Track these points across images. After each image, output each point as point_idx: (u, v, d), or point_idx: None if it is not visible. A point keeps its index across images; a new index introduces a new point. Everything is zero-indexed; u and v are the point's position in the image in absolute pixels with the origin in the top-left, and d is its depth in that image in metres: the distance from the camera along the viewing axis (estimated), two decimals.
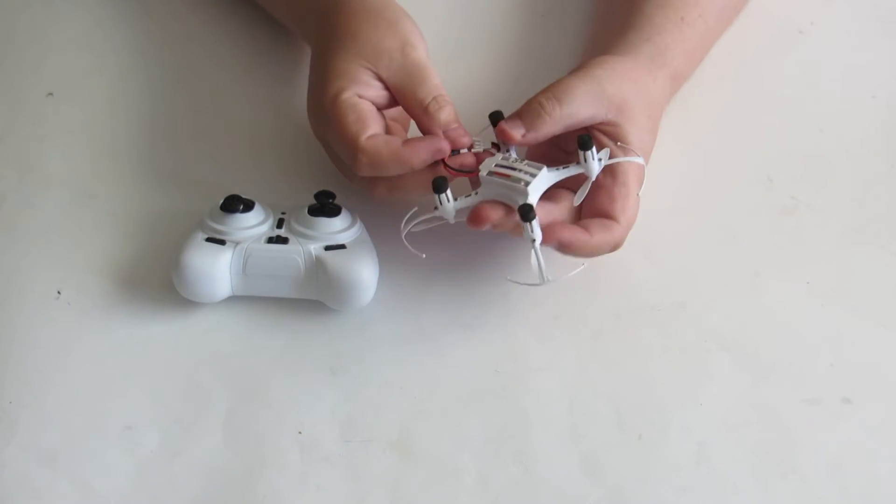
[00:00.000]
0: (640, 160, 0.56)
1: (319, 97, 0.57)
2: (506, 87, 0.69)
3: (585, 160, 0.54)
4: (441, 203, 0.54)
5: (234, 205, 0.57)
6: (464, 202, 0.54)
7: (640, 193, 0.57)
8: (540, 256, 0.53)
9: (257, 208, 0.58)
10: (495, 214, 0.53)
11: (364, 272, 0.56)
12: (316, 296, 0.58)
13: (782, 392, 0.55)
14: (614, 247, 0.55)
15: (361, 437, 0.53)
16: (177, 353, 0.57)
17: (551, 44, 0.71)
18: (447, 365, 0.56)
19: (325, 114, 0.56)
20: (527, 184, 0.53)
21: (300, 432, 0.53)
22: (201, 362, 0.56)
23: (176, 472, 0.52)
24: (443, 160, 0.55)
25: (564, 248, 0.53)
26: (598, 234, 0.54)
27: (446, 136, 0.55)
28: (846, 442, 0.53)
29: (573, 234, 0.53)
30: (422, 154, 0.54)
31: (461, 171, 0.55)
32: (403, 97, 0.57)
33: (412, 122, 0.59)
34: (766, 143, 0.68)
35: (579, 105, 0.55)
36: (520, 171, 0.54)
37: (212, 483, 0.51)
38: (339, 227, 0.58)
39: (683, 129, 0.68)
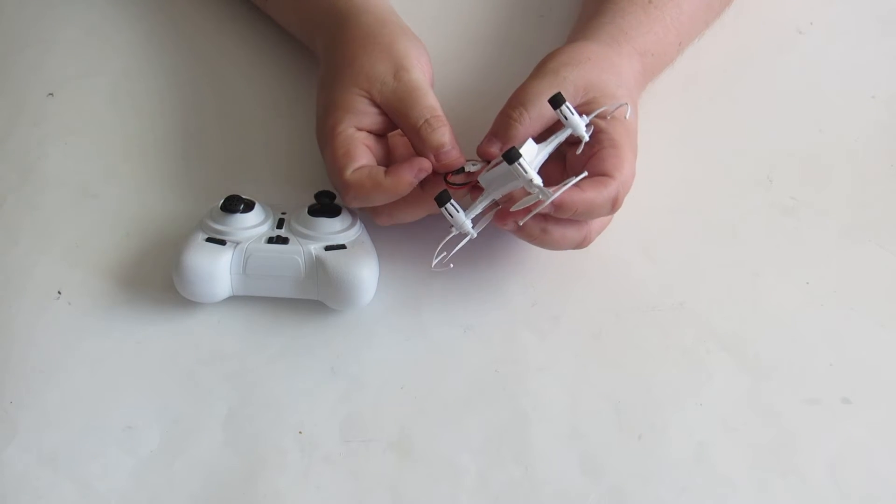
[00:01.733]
0: (624, 105, 0.55)
1: (320, 128, 0.58)
2: (505, 88, 0.69)
3: (566, 118, 0.54)
4: (451, 216, 0.53)
5: (235, 205, 0.57)
6: (475, 209, 0.54)
7: (635, 152, 0.57)
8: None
9: (257, 208, 0.58)
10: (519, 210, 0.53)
11: (364, 272, 0.56)
12: (316, 296, 0.58)
13: (782, 392, 0.56)
14: (613, 204, 0.54)
15: (361, 437, 0.53)
16: (177, 353, 0.57)
17: (550, 45, 0.71)
18: (447, 365, 0.56)
19: (323, 145, 0.58)
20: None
21: (300, 432, 0.53)
22: (202, 362, 0.56)
23: (176, 471, 0.52)
24: (444, 177, 0.56)
25: (557, 207, 0.52)
26: (591, 189, 0.53)
27: (437, 158, 0.56)
28: (846, 442, 0.53)
29: (565, 193, 0.53)
30: (405, 178, 0.55)
31: (461, 185, 0.56)
32: (398, 120, 0.58)
33: None
34: (766, 143, 0.68)
35: (543, 104, 0.55)
36: None
37: (212, 483, 0.51)
38: (339, 228, 0.58)
39: (683, 129, 0.68)
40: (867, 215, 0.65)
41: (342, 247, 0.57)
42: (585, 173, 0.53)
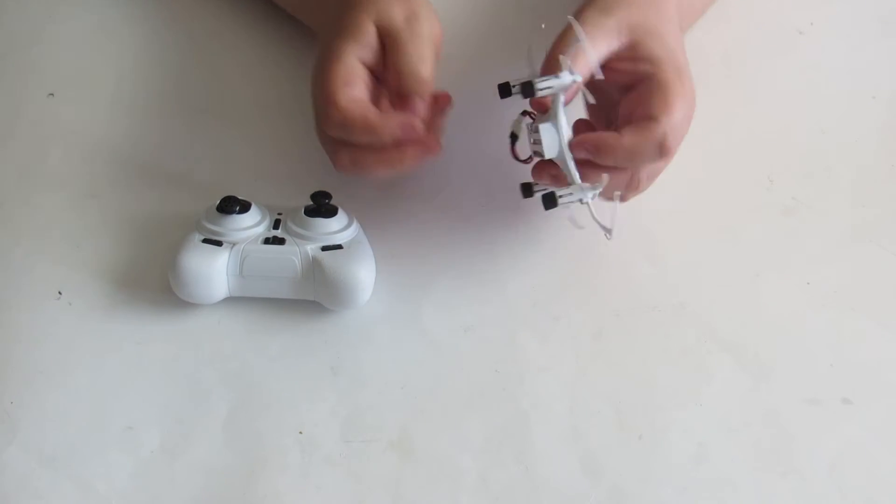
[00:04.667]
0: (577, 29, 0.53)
1: (323, 53, 0.57)
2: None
3: (543, 89, 0.53)
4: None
5: (231, 206, 0.57)
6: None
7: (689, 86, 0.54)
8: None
9: (254, 209, 0.58)
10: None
11: (361, 272, 0.56)
12: (313, 296, 0.58)
13: (782, 392, 0.55)
14: (661, 149, 0.52)
15: (361, 437, 0.53)
16: (178, 354, 0.57)
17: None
18: (447, 365, 0.56)
19: (321, 67, 0.56)
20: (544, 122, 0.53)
21: (300, 432, 0.53)
22: (202, 363, 0.56)
23: (176, 472, 0.52)
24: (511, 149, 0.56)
25: (593, 151, 0.51)
26: (631, 135, 0.51)
27: (432, 98, 0.55)
28: (846, 442, 0.53)
29: (598, 135, 0.51)
30: (392, 127, 0.53)
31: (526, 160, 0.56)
32: (393, 59, 0.56)
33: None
34: (766, 143, 0.68)
35: (594, 47, 0.53)
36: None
37: (212, 483, 0.51)
38: (335, 228, 0.58)
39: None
40: (867, 215, 0.65)
41: (339, 247, 0.57)
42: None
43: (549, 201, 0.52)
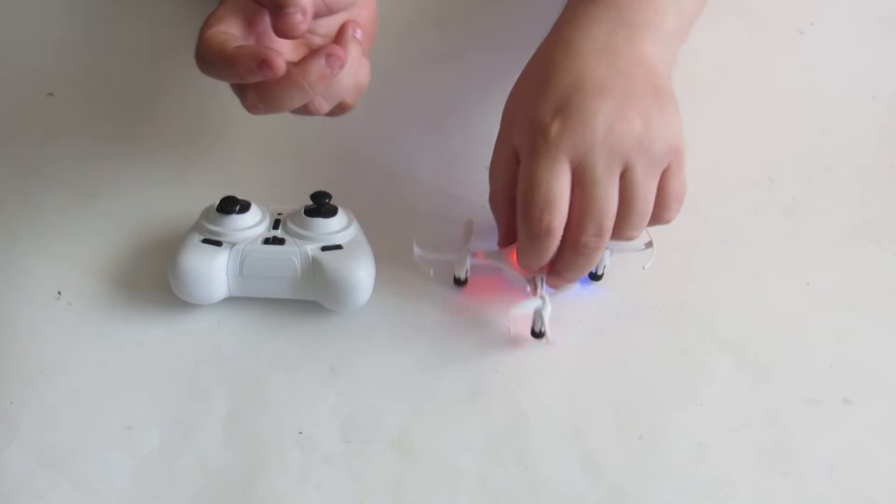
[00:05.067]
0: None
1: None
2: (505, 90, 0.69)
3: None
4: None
5: (231, 206, 0.57)
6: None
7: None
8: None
9: (253, 209, 0.58)
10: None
11: (361, 272, 0.56)
12: (313, 297, 0.58)
13: (782, 392, 0.55)
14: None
15: (361, 437, 0.53)
16: (177, 354, 0.57)
17: None
18: (447, 365, 0.56)
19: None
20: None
21: (300, 432, 0.53)
22: (202, 363, 0.56)
23: (176, 472, 0.52)
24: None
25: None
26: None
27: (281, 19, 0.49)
28: (846, 442, 0.53)
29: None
30: (245, 62, 0.48)
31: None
32: None
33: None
34: (767, 143, 0.68)
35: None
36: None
37: (212, 483, 0.51)
38: (335, 228, 0.58)
39: (684, 129, 0.68)
40: (867, 215, 0.65)
41: (339, 247, 0.57)
42: None
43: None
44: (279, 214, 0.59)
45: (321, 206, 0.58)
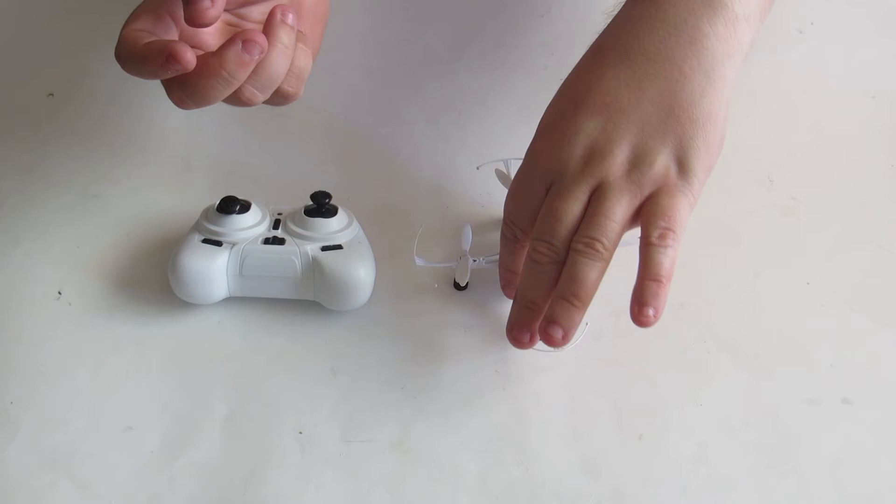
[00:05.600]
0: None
1: None
2: (508, 92, 0.69)
3: None
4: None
5: (231, 206, 0.57)
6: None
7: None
8: None
9: (254, 209, 0.58)
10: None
11: (361, 272, 0.56)
12: (313, 296, 0.58)
13: (782, 392, 0.55)
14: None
15: (361, 437, 0.53)
16: (178, 354, 0.57)
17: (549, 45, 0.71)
18: (447, 365, 0.56)
19: None
20: None
21: (300, 432, 0.53)
22: (202, 362, 0.56)
23: (176, 472, 0.52)
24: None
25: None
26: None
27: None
28: (846, 442, 0.53)
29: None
30: (153, 58, 0.47)
31: None
32: None
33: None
34: (766, 143, 0.68)
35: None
36: None
37: (212, 483, 0.51)
38: (335, 228, 0.58)
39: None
40: (867, 215, 0.65)
41: (339, 247, 0.57)
42: None
43: None
44: (279, 214, 0.59)
45: (321, 206, 0.58)
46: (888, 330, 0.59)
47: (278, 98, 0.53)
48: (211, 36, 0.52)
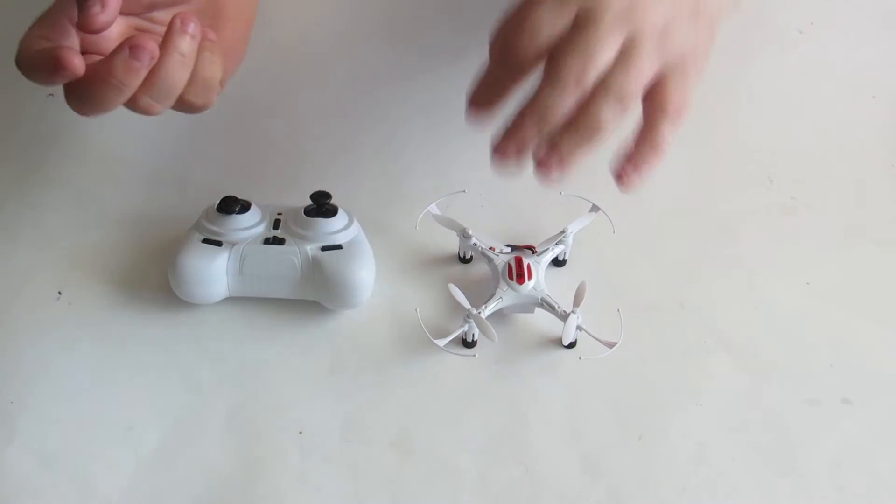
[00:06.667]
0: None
1: None
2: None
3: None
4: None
5: (231, 206, 0.57)
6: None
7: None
8: None
9: (253, 209, 0.58)
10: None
11: (361, 272, 0.56)
12: (313, 296, 0.58)
13: (782, 392, 0.55)
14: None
15: (361, 437, 0.53)
16: (178, 354, 0.57)
17: None
18: (447, 365, 0.56)
19: None
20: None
21: (300, 432, 0.53)
22: (202, 362, 0.56)
23: (176, 472, 0.52)
24: None
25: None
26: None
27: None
28: (846, 442, 0.53)
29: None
30: (43, 65, 0.45)
31: None
32: None
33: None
34: (766, 143, 0.68)
35: None
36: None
37: (212, 483, 0.51)
38: (335, 228, 0.58)
39: (684, 128, 0.68)
40: (867, 215, 0.65)
41: (339, 247, 0.57)
42: None
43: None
44: (279, 214, 0.59)
45: (321, 206, 0.58)
46: (888, 330, 0.59)
47: (184, 108, 0.51)
48: (115, 42, 0.49)
